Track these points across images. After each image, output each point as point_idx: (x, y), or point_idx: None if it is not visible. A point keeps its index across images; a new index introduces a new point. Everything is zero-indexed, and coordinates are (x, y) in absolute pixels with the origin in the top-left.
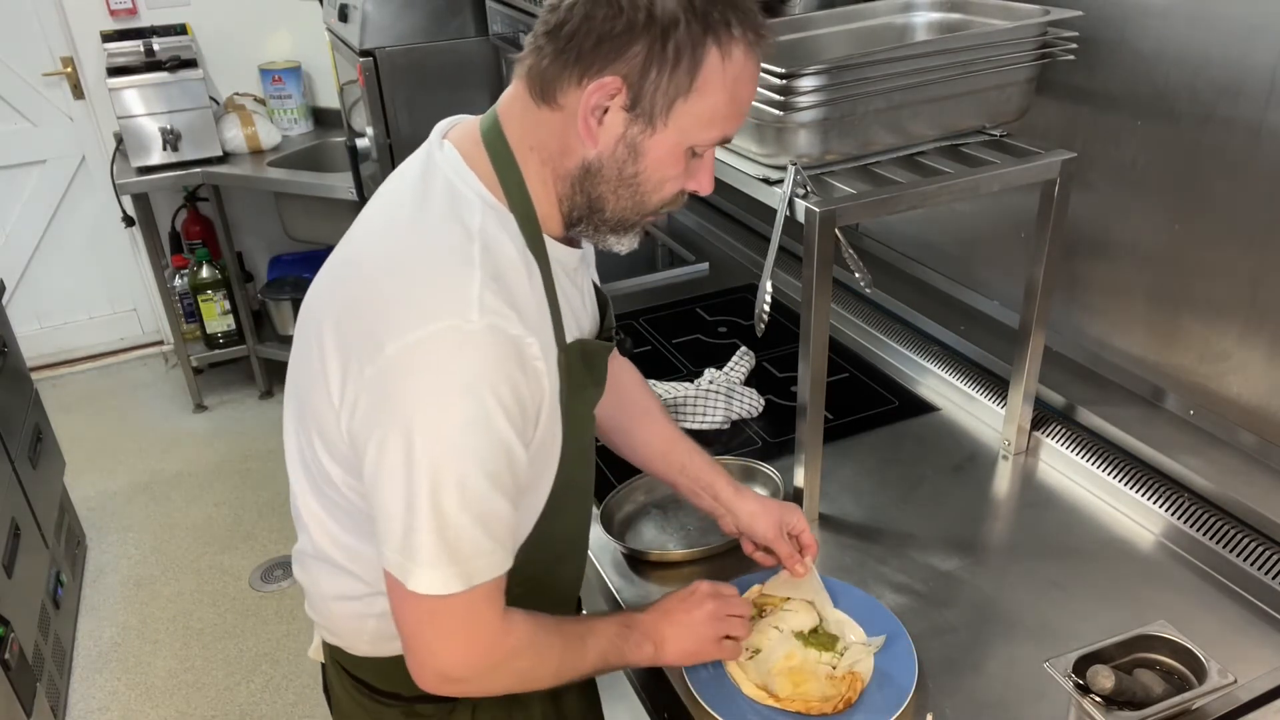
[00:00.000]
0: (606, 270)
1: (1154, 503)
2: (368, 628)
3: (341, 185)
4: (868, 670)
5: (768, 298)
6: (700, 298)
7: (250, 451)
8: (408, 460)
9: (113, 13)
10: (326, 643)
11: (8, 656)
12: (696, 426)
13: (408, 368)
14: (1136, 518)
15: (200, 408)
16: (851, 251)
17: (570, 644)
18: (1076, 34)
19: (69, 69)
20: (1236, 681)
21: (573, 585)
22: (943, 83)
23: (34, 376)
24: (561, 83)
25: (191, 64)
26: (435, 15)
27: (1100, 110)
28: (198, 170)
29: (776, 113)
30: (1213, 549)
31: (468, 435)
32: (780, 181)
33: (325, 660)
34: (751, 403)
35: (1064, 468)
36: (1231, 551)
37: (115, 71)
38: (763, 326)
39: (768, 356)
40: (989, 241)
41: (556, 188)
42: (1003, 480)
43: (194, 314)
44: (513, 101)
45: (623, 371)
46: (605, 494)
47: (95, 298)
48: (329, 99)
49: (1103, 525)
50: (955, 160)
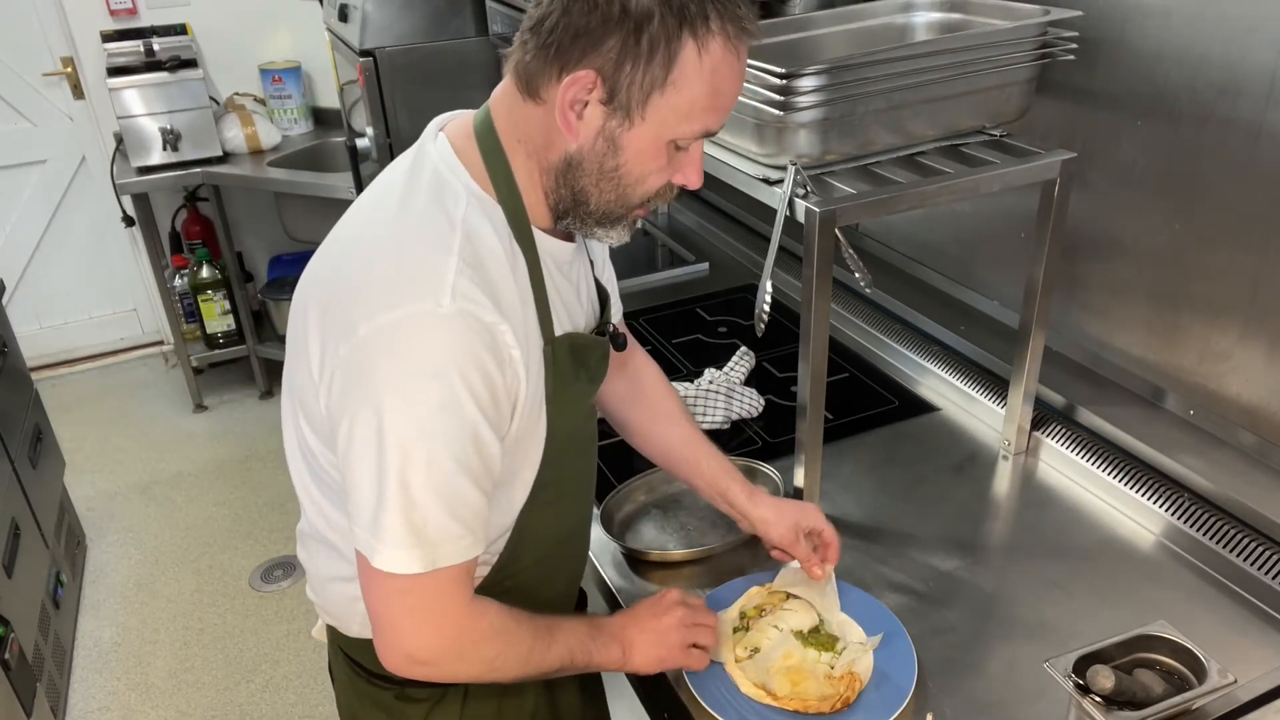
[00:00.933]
0: None
1: (1154, 503)
2: (359, 609)
3: (341, 185)
4: (867, 670)
5: (768, 298)
6: (700, 298)
7: (250, 451)
8: (377, 440)
9: (113, 13)
10: (327, 623)
11: (8, 656)
12: None
13: (378, 349)
14: (1136, 518)
15: (200, 408)
16: (851, 251)
17: (539, 637)
18: (1076, 34)
19: (69, 69)
20: (1236, 681)
21: (572, 580)
22: (943, 83)
23: (34, 376)
24: (543, 77)
25: (191, 64)
26: (435, 15)
27: (1100, 110)
28: (198, 170)
29: (776, 113)
30: (1213, 549)
31: (436, 419)
32: (780, 181)
33: (327, 640)
34: (751, 403)
35: (1064, 468)
36: (1231, 551)
37: (115, 71)
38: (763, 326)
39: (768, 356)
40: (989, 241)
41: (543, 181)
42: (1003, 480)
43: (194, 314)
44: (502, 96)
45: (644, 369)
46: (605, 494)
47: (95, 298)
48: (329, 99)
49: (1103, 525)
50: (955, 160)
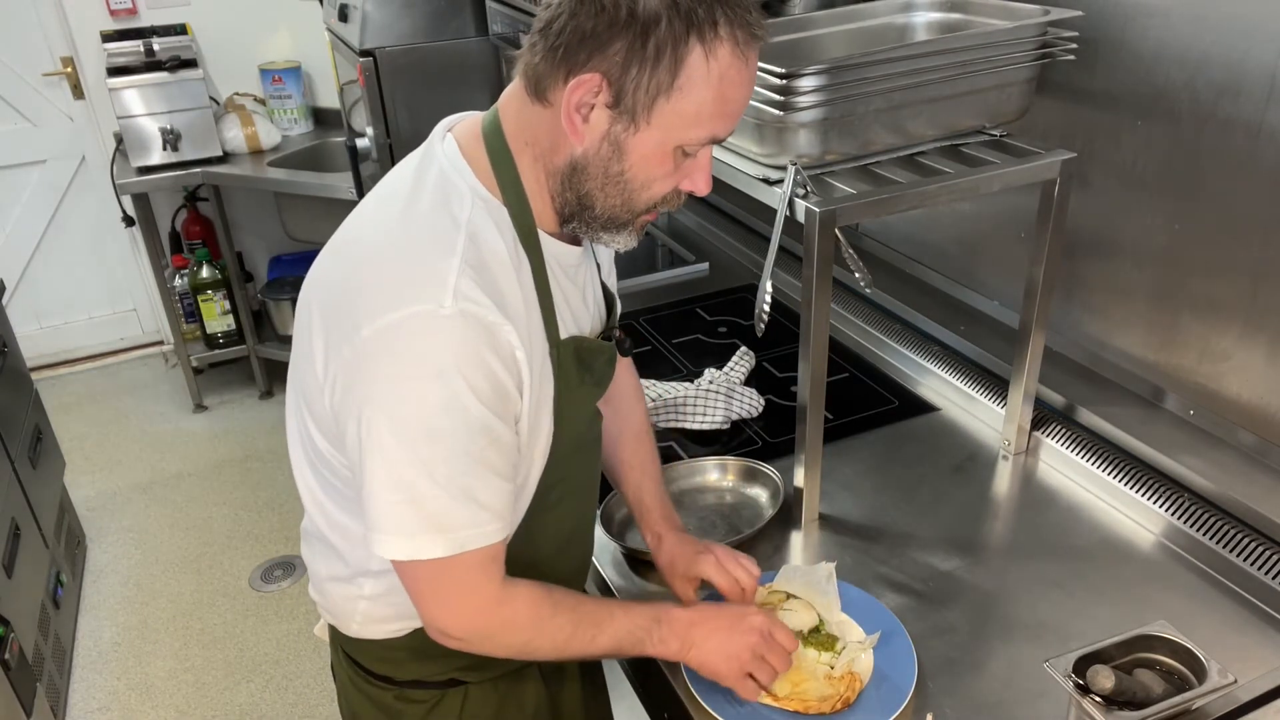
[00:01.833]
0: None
1: (1154, 503)
2: (359, 609)
3: (341, 185)
4: (867, 670)
5: (768, 298)
6: (700, 298)
7: (250, 451)
8: (385, 440)
9: (113, 13)
10: (328, 623)
11: (8, 656)
12: (696, 426)
13: (381, 350)
14: (1136, 518)
15: (200, 408)
16: (851, 251)
17: (581, 627)
18: (1076, 34)
19: (69, 69)
20: (1236, 681)
21: (575, 580)
22: (943, 83)
23: (34, 376)
24: (550, 79)
25: (191, 64)
26: (435, 15)
27: (1100, 110)
28: (198, 170)
29: (776, 113)
30: (1213, 549)
31: (442, 418)
32: (780, 181)
33: (329, 640)
34: (751, 403)
35: (1064, 468)
36: (1231, 551)
37: (115, 71)
38: (763, 326)
39: (768, 356)
40: (989, 241)
41: (549, 184)
42: (1003, 480)
43: (194, 314)
44: (511, 98)
45: (624, 375)
46: (605, 494)
47: (95, 298)
48: (329, 99)
49: (1103, 525)
50: (955, 160)
